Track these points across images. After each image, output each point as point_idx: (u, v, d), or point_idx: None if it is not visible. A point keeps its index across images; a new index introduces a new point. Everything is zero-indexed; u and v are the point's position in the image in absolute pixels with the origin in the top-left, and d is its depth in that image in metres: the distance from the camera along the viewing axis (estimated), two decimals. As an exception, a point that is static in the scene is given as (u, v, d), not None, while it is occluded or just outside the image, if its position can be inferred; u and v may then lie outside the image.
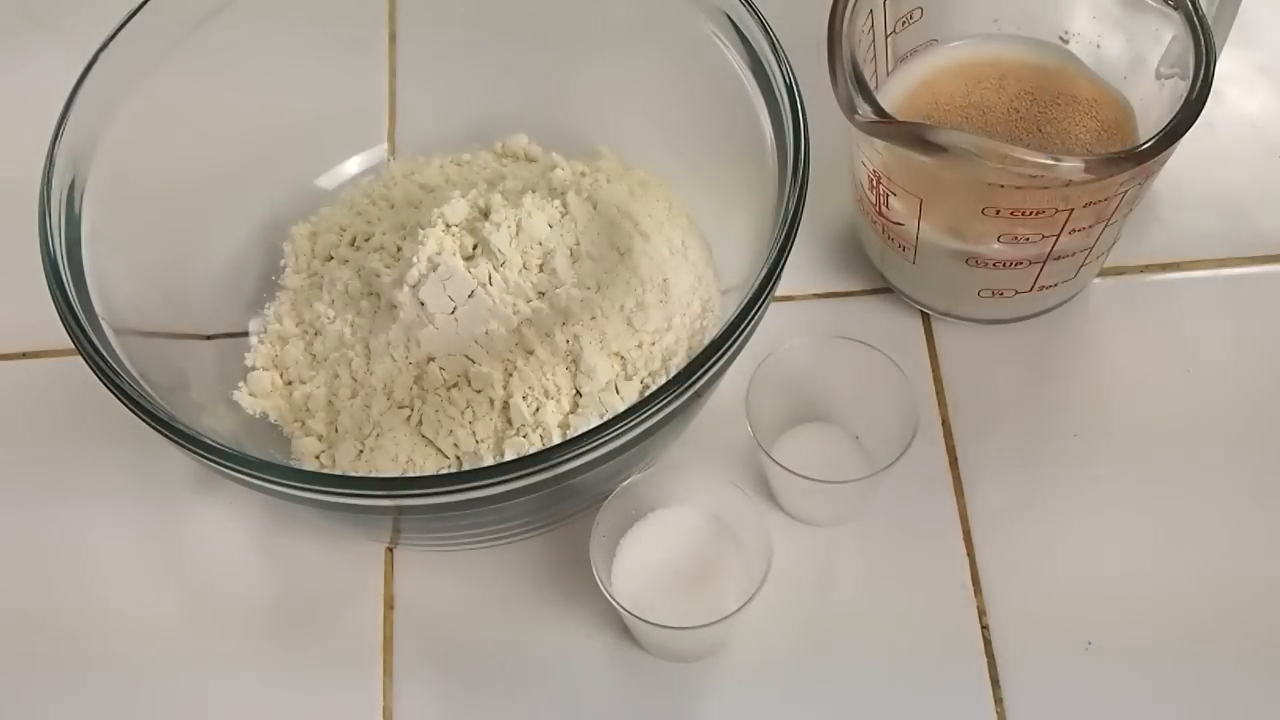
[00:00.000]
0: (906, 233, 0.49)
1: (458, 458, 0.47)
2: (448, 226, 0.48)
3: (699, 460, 0.49)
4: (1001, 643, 0.48)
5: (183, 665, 0.48)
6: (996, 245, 0.47)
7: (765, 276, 0.41)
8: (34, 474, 0.52)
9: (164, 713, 0.48)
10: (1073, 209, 0.45)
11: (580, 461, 0.39)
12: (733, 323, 0.40)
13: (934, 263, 0.50)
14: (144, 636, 0.49)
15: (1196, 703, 0.46)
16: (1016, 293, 0.51)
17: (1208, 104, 0.44)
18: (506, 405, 0.47)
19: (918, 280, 0.53)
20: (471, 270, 0.47)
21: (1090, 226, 0.47)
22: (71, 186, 0.44)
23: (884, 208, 0.49)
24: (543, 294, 0.48)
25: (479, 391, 0.47)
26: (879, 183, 0.48)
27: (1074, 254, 0.49)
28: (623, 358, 0.48)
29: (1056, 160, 0.42)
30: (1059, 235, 0.46)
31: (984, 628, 0.48)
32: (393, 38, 0.57)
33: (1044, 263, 0.48)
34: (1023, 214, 0.45)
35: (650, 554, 0.46)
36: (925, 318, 0.54)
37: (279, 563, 0.50)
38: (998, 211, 0.45)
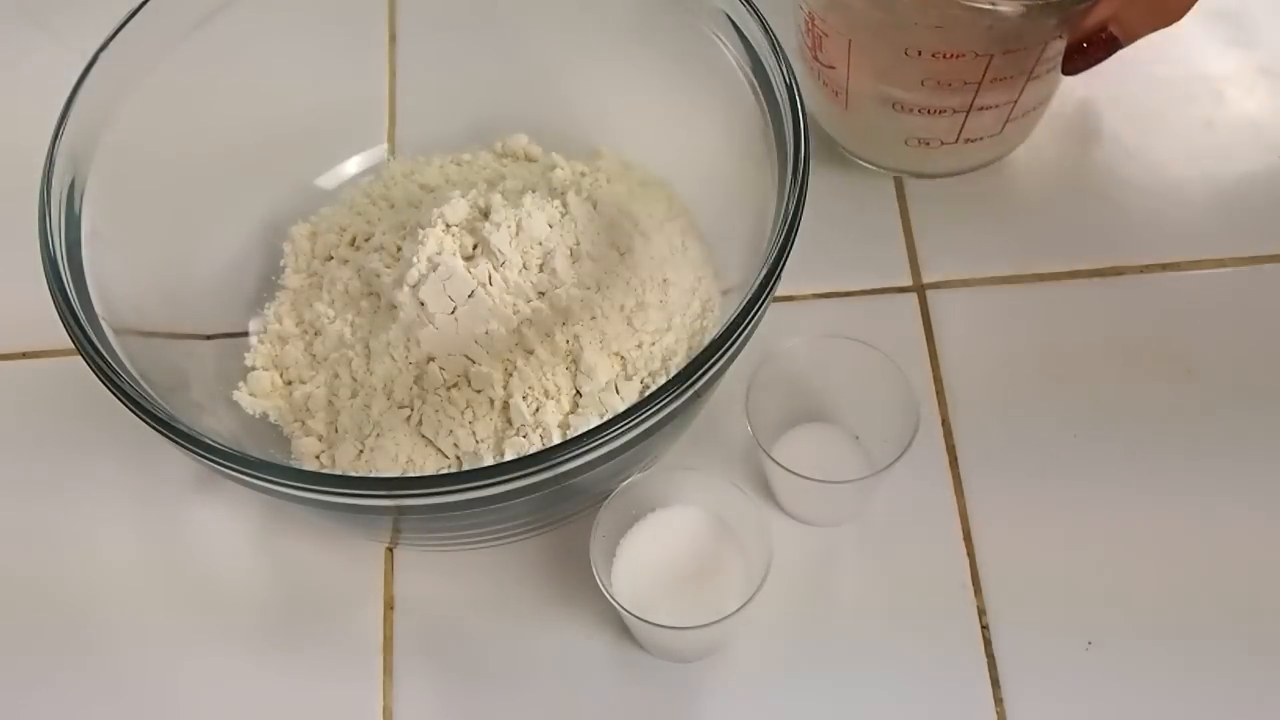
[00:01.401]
0: (838, 77, 0.50)
1: (458, 458, 0.47)
2: (448, 226, 0.48)
3: (699, 460, 0.49)
4: (1001, 643, 0.48)
5: (183, 665, 0.48)
6: (920, 90, 0.48)
7: (765, 276, 0.41)
8: (34, 474, 0.52)
9: (163, 712, 0.48)
10: (992, 56, 0.46)
11: (580, 461, 0.39)
12: (733, 323, 0.40)
13: (864, 109, 0.51)
14: (144, 636, 0.49)
15: (1197, 703, 0.46)
16: (943, 143, 0.52)
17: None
18: (506, 405, 0.47)
19: (850, 128, 0.54)
20: (471, 270, 0.47)
21: (1012, 78, 0.48)
22: (71, 186, 0.44)
23: (819, 51, 0.50)
24: (543, 294, 0.48)
25: (479, 391, 0.47)
26: (813, 24, 0.49)
27: (997, 106, 0.50)
28: (623, 358, 0.48)
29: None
30: (980, 83, 0.47)
31: (984, 628, 0.48)
32: (393, 38, 0.57)
33: (967, 112, 0.49)
34: (944, 57, 0.46)
35: (650, 554, 0.46)
36: (926, 320, 0.54)
37: (279, 563, 0.50)
38: (920, 53, 0.46)
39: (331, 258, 0.53)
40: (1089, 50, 0.45)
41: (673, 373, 0.43)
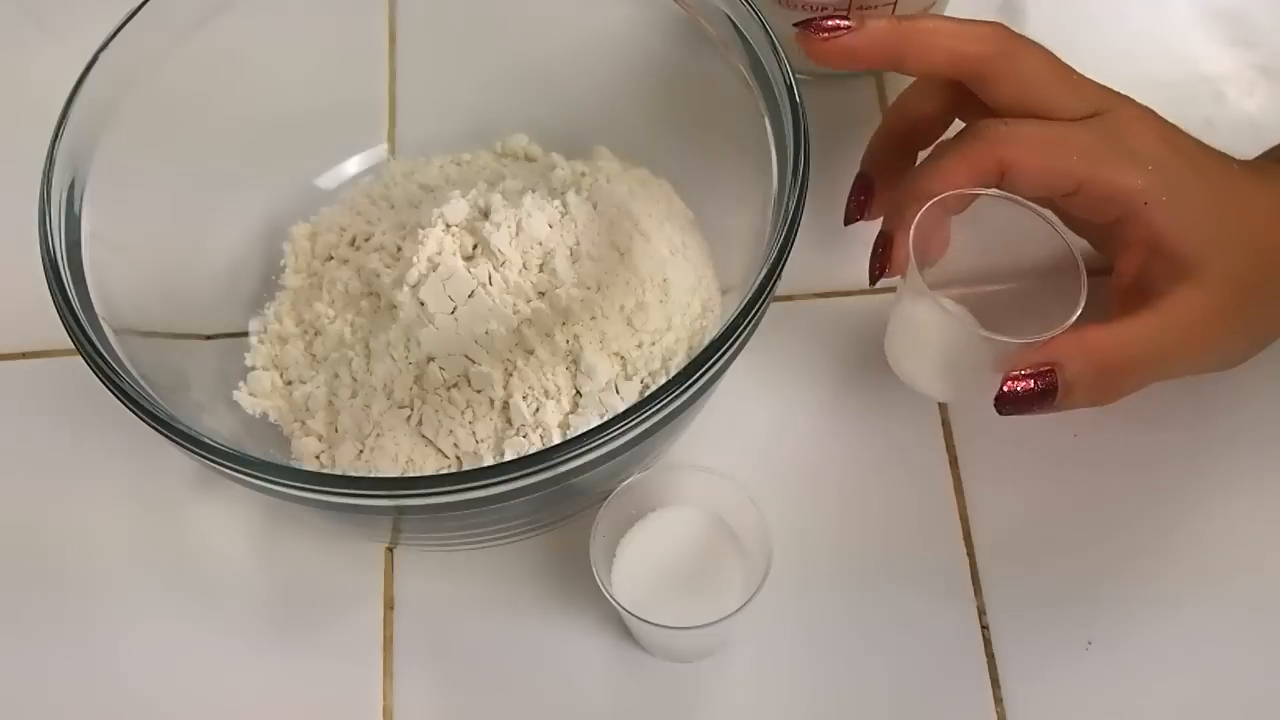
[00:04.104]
0: None
1: (458, 458, 0.47)
2: (448, 226, 0.48)
3: (699, 460, 0.49)
4: (1001, 643, 0.48)
5: (182, 665, 0.48)
6: None
7: (765, 276, 0.41)
8: (34, 474, 0.52)
9: (163, 712, 0.48)
10: None
11: (580, 461, 0.39)
12: (733, 323, 0.40)
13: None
14: (143, 636, 0.49)
15: (1197, 703, 0.46)
16: None
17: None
18: (506, 405, 0.47)
19: None
20: (471, 270, 0.47)
21: None
22: (71, 186, 0.44)
23: None
24: (543, 294, 0.48)
25: (479, 391, 0.47)
26: None
27: (876, 6, 0.52)
28: (623, 358, 0.48)
29: None
30: None
31: (984, 628, 0.48)
32: (393, 38, 0.57)
33: (848, 10, 0.50)
34: None
35: (650, 554, 0.46)
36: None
37: (279, 563, 0.50)
38: None
39: (331, 258, 0.53)
40: (1025, 394, 0.44)
41: (673, 373, 0.43)
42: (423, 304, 0.47)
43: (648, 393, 0.45)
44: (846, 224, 0.49)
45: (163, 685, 0.48)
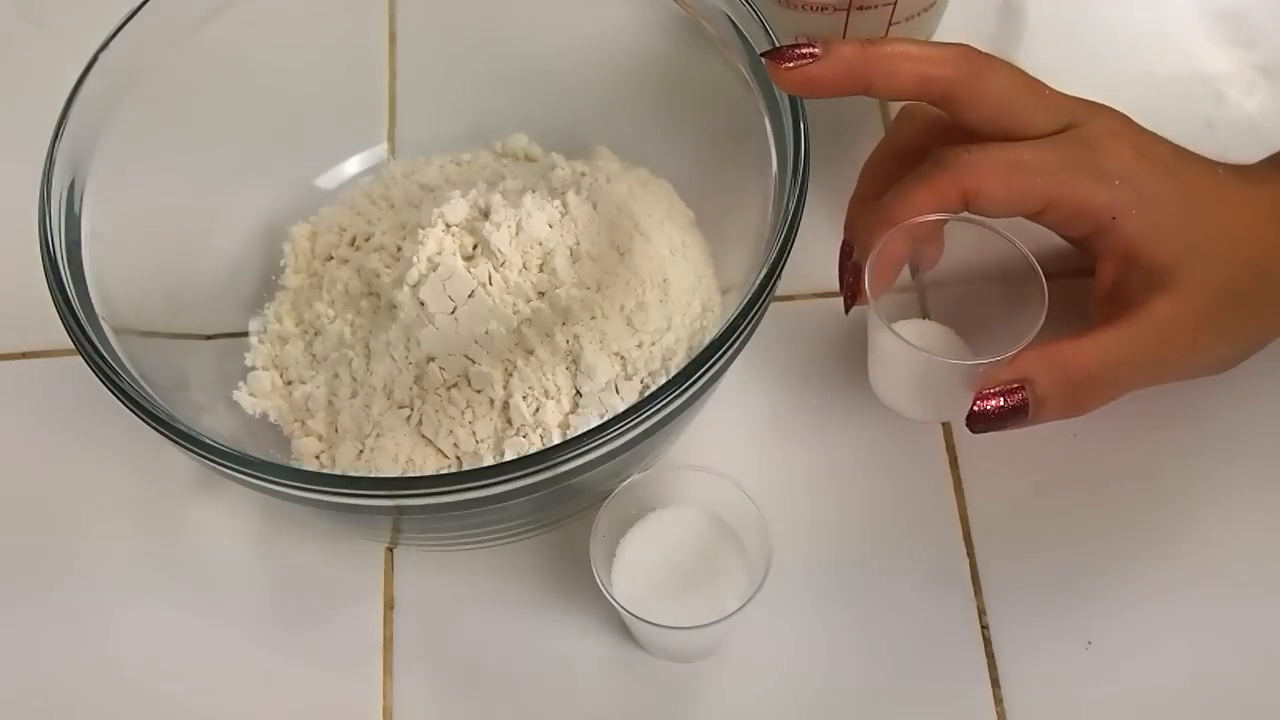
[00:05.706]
0: None
1: (458, 458, 0.47)
2: (448, 226, 0.48)
3: (699, 460, 0.49)
4: (1001, 643, 0.48)
5: (182, 665, 0.48)
6: None
7: (765, 276, 0.41)
8: (33, 474, 0.52)
9: (163, 712, 0.48)
10: None
11: (580, 461, 0.39)
12: (733, 323, 0.40)
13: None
14: (143, 636, 0.49)
15: (1197, 703, 0.46)
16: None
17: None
18: (506, 405, 0.47)
19: None
20: (471, 270, 0.47)
21: None
22: (71, 186, 0.44)
23: None
24: (543, 294, 0.48)
25: (479, 391, 0.47)
26: None
27: (876, 7, 0.51)
28: (623, 358, 0.48)
29: None
30: None
31: (984, 628, 0.48)
32: (393, 38, 0.57)
33: (848, 10, 0.50)
34: None
35: (650, 554, 0.46)
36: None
37: (279, 563, 0.50)
38: None
39: (331, 258, 0.53)
40: (995, 412, 0.44)
41: (673, 373, 0.43)
42: (423, 304, 0.47)
43: (648, 393, 0.45)
44: (842, 289, 0.48)
45: (163, 685, 0.48)
